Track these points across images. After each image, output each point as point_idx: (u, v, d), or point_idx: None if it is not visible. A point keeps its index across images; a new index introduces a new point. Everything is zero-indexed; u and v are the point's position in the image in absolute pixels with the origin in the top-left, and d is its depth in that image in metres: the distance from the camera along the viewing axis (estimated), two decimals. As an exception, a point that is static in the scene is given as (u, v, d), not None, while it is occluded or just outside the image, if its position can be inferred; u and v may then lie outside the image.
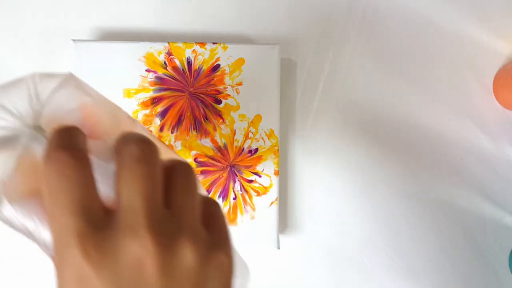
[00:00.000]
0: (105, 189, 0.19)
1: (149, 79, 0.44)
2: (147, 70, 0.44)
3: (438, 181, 0.47)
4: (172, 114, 0.44)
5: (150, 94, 0.44)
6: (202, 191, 0.22)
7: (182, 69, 0.44)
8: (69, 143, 0.18)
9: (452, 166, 0.47)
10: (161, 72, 0.44)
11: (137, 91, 0.44)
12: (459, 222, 0.47)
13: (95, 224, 0.17)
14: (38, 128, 0.19)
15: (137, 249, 0.17)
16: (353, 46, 0.47)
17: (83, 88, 0.21)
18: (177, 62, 0.44)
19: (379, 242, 0.47)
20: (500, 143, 0.47)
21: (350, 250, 0.47)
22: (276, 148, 0.44)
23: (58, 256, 0.17)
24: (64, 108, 0.20)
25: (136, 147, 0.18)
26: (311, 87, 0.47)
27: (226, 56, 0.44)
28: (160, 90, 0.44)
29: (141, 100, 0.44)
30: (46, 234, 0.19)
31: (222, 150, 0.44)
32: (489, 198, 0.47)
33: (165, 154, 0.21)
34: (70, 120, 0.20)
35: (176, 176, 0.20)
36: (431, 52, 0.47)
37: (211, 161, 0.44)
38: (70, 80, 0.20)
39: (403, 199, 0.47)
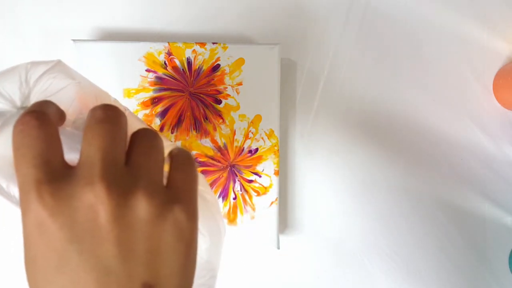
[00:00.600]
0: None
1: (149, 79, 0.44)
2: (147, 70, 0.44)
3: (438, 181, 0.47)
4: (172, 114, 0.44)
5: (150, 94, 0.44)
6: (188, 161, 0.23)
7: (182, 69, 0.44)
8: (35, 110, 0.19)
9: (452, 166, 0.47)
10: (161, 72, 0.44)
11: (137, 91, 0.44)
12: (459, 222, 0.47)
13: (53, 174, 0.18)
14: (25, 108, 0.21)
15: (91, 197, 0.18)
16: (353, 46, 0.47)
17: (68, 72, 0.23)
18: (177, 62, 0.44)
19: (379, 242, 0.47)
20: (500, 143, 0.47)
21: (350, 250, 0.47)
22: (276, 148, 0.44)
23: (22, 204, 0.18)
24: (49, 90, 0.22)
25: (100, 111, 0.20)
26: (311, 87, 0.47)
27: (226, 56, 0.44)
28: (160, 90, 0.44)
29: (141, 100, 0.44)
30: (16, 191, 0.21)
31: (222, 150, 0.44)
32: (489, 198, 0.47)
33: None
34: (54, 99, 0.22)
35: (138, 138, 0.21)
36: (431, 52, 0.47)
37: (211, 161, 0.44)
38: (56, 66, 0.23)
39: (403, 199, 0.47)
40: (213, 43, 0.44)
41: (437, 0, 0.47)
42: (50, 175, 0.18)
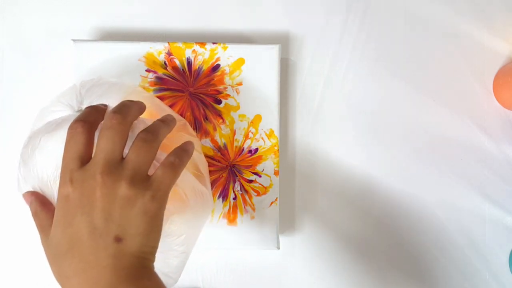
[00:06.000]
0: None
1: (149, 79, 0.44)
2: (147, 70, 0.44)
3: (438, 181, 0.47)
4: (172, 114, 0.44)
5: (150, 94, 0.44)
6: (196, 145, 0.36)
7: (182, 69, 0.44)
8: (82, 119, 0.30)
9: (452, 166, 0.47)
10: (161, 72, 0.44)
11: (137, 91, 0.44)
12: (459, 223, 0.47)
13: (80, 165, 0.29)
14: (80, 111, 0.33)
15: (93, 183, 0.29)
16: (352, 46, 0.47)
17: (106, 82, 0.36)
18: (177, 62, 0.44)
19: (379, 243, 0.47)
20: (500, 143, 0.47)
21: (350, 250, 0.47)
22: (276, 148, 0.44)
23: (61, 181, 0.29)
24: (94, 98, 0.34)
25: (107, 120, 0.30)
26: (311, 87, 0.47)
27: (226, 56, 0.44)
28: (160, 90, 0.44)
29: (141, 100, 0.44)
30: None
31: (222, 150, 0.44)
32: (489, 198, 0.47)
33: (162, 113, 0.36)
34: (97, 103, 0.34)
35: (137, 139, 0.30)
36: (431, 52, 0.47)
37: (211, 161, 0.44)
38: (99, 80, 0.36)
39: (402, 199, 0.47)
40: (213, 43, 0.44)
41: (437, 0, 0.47)
42: (79, 165, 0.29)
